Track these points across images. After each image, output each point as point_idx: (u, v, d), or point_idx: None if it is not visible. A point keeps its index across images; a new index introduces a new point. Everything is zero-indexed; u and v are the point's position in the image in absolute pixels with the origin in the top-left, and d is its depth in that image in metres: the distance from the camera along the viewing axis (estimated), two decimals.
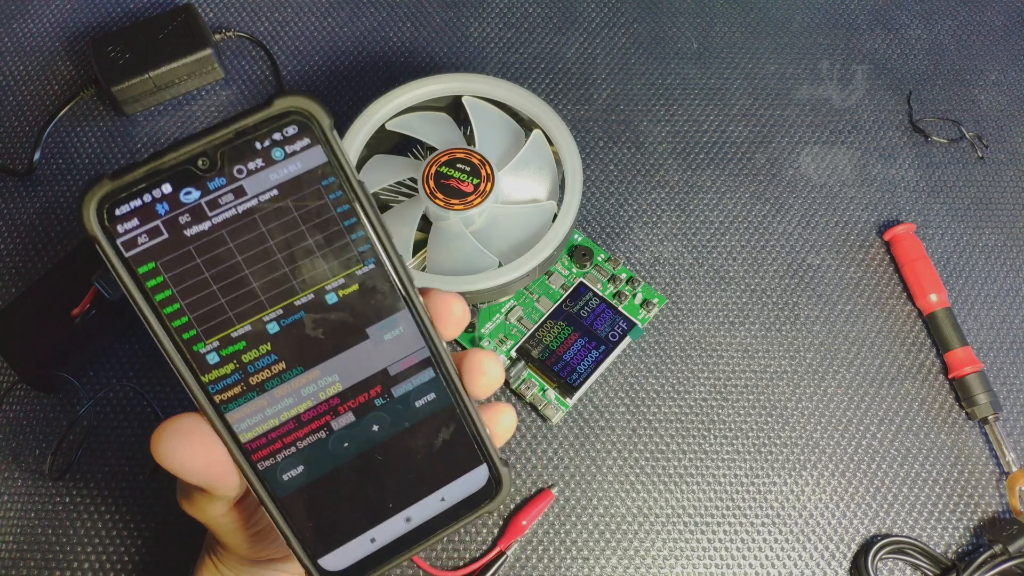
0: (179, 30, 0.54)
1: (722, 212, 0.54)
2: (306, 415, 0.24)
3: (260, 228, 0.23)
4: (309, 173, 0.23)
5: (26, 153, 0.53)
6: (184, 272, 0.22)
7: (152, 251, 0.22)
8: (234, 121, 0.22)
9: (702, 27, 0.61)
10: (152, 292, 0.22)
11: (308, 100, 0.22)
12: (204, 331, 0.23)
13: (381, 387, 0.25)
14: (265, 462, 0.24)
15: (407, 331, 0.25)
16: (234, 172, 0.22)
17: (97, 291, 0.44)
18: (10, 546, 0.43)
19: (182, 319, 0.23)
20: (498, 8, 0.61)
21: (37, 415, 0.46)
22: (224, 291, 0.23)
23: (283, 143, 0.22)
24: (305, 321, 0.24)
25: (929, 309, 0.50)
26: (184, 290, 0.23)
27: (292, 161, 0.23)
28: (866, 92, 0.59)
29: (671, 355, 0.49)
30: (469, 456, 0.26)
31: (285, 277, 0.23)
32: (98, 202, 0.21)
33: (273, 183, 0.23)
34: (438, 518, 0.25)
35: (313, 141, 0.23)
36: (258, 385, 0.24)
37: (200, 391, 0.23)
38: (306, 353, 0.24)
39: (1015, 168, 0.57)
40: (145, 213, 0.22)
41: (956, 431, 0.48)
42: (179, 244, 0.22)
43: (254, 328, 0.23)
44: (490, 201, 0.45)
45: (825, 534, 0.45)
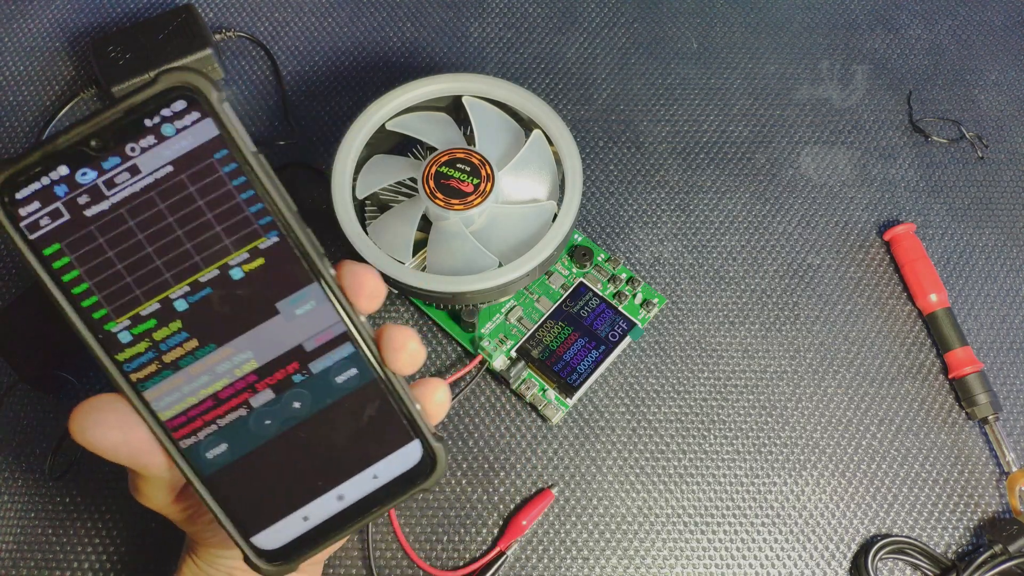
0: (179, 30, 0.54)
1: (722, 212, 0.54)
2: (223, 392, 0.24)
3: (158, 205, 0.23)
4: (201, 147, 0.23)
5: None
6: (88, 252, 0.23)
7: (55, 232, 0.22)
8: (122, 100, 0.22)
9: (702, 27, 0.61)
10: (59, 273, 0.23)
11: (193, 75, 0.22)
12: (114, 310, 0.23)
13: (299, 363, 0.24)
14: (187, 440, 0.24)
15: (320, 305, 0.24)
16: (127, 150, 0.22)
17: None
18: (10, 546, 0.43)
19: (91, 299, 0.23)
20: (498, 8, 0.61)
21: (37, 415, 0.46)
22: (129, 269, 0.23)
23: (172, 119, 0.23)
24: (212, 297, 0.24)
25: (929, 309, 0.50)
26: (90, 270, 0.23)
27: (183, 136, 0.23)
28: (866, 92, 0.59)
29: (671, 355, 0.49)
30: (399, 432, 0.25)
31: (188, 253, 0.23)
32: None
33: (167, 159, 0.23)
34: (373, 496, 0.25)
35: (203, 115, 0.23)
36: (172, 363, 0.24)
37: (116, 369, 0.24)
38: (217, 330, 0.24)
39: (1015, 168, 0.57)
40: (45, 196, 0.22)
41: (956, 431, 0.48)
42: (81, 224, 0.23)
43: (163, 305, 0.23)
44: (490, 201, 0.45)
45: (825, 534, 0.45)
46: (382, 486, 0.25)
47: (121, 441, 0.24)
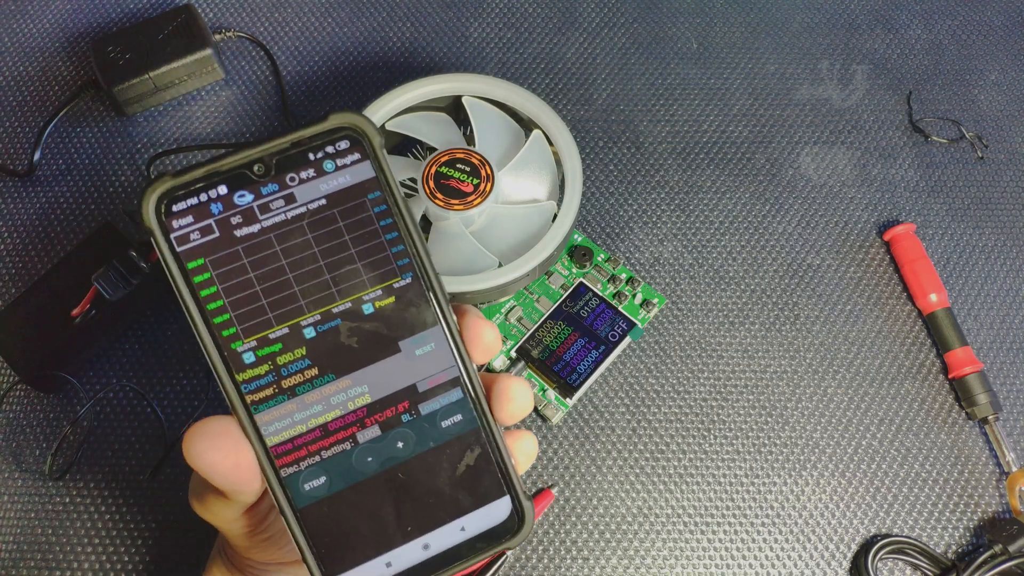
0: (179, 30, 0.54)
1: (722, 212, 0.54)
2: (333, 424, 0.24)
3: (306, 234, 0.24)
4: (357, 186, 0.24)
5: (26, 153, 0.53)
6: (230, 271, 0.23)
7: (203, 248, 0.23)
8: (291, 132, 0.24)
9: (702, 27, 0.61)
10: (198, 288, 0.23)
11: (361, 118, 0.24)
12: (243, 330, 0.24)
13: (409, 403, 0.25)
14: (288, 468, 0.24)
15: (438, 348, 0.25)
16: (286, 179, 0.24)
17: (97, 291, 0.44)
18: (10, 546, 0.43)
19: (223, 316, 0.24)
20: (498, 8, 0.61)
21: (37, 415, 0.46)
22: (266, 292, 0.24)
23: (334, 156, 0.24)
24: (341, 329, 0.24)
25: (929, 309, 0.50)
26: (228, 288, 0.23)
27: (341, 173, 0.24)
28: (866, 92, 0.59)
29: (671, 355, 0.49)
30: (493, 485, 0.25)
31: (325, 284, 0.24)
32: (158, 197, 0.23)
33: (322, 193, 0.24)
34: (456, 549, 0.25)
35: (363, 156, 0.24)
36: (290, 389, 0.24)
37: (233, 389, 0.24)
38: (339, 361, 0.24)
39: (1015, 168, 0.57)
40: (200, 211, 0.23)
41: (956, 431, 0.48)
42: (229, 243, 0.23)
43: (291, 331, 0.24)
44: (490, 201, 0.45)
45: (825, 534, 0.45)
46: (467, 540, 0.25)
47: (232, 466, 0.23)
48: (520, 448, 0.27)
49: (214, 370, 0.24)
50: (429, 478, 0.25)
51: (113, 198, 0.52)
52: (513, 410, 0.26)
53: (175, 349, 0.48)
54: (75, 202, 0.52)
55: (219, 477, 0.24)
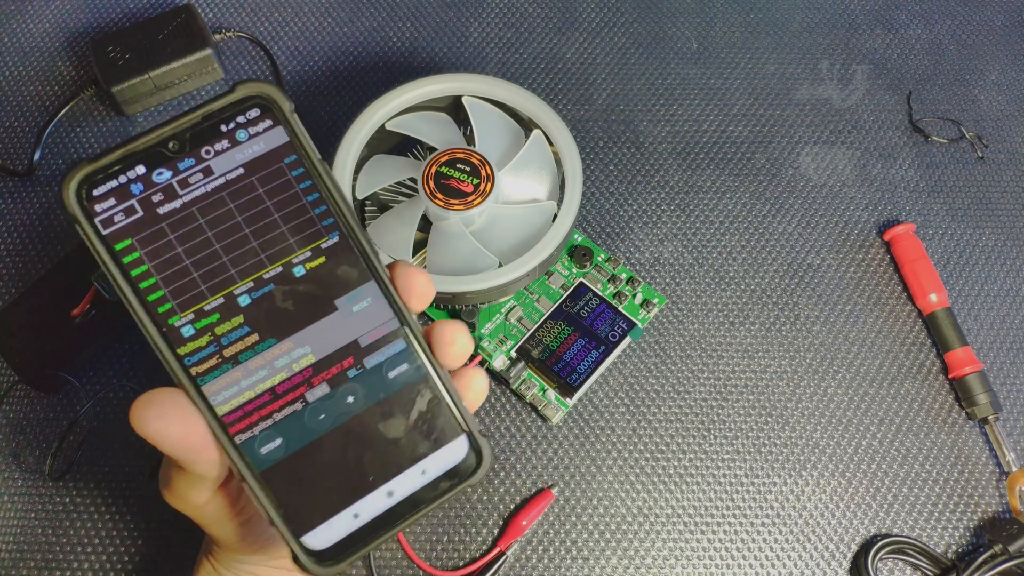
0: (179, 30, 0.54)
1: (722, 212, 0.54)
2: (281, 387, 0.25)
3: (228, 204, 0.24)
4: (272, 152, 0.25)
5: (26, 153, 0.53)
6: (158, 248, 0.24)
7: (128, 229, 0.24)
8: (200, 107, 0.24)
9: (702, 27, 0.61)
10: (128, 268, 0.24)
11: (268, 86, 0.25)
12: (179, 304, 0.24)
13: (353, 358, 0.25)
14: (243, 435, 0.24)
15: (375, 303, 0.25)
16: (202, 153, 0.24)
17: (97, 291, 0.44)
18: (10, 546, 0.43)
19: (157, 293, 0.24)
20: (498, 8, 0.61)
21: (37, 415, 0.46)
22: (196, 265, 0.24)
23: (246, 125, 0.24)
24: (275, 293, 0.25)
25: (929, 309, 0.50)
26: (159, 265, 0.24)
27: (256, 142, 0.24)
28: (866, 92, 0.59)
29: (671, 355, 0.49)
30: (447, 427, 0.26)
31: (254, 251, 0.25)
32: (77, 183, 0.23)
33: (239, 162, 0.24)
34: (421, 492, 0.25)
35: (274, 122, 0.25)
36: (232, 357, 0.24)
37: (176, 363, 0.24)
38: (278, 325, 0.25)
39: (1015, 168, 0.57)
40: (121, 193, 0.23)
41: (956, 431, 0.48)
42: (153, 221, 0.24)
43: (226, 301, 0.24)
44: (490, 201, 0.45)
45: (825, 534, 0.45)
46: (430, 482, 0.25)
47: (181, 435, 0.24)
48: (470, 386, 0.27)
49: (155, 347, 0.24)
50: (384, 428, 0.25)
51: None
52: (455, 353, 0.26)
53: None
54: None
55: (170, 446, 0.24)
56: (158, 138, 0.24)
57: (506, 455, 0.46)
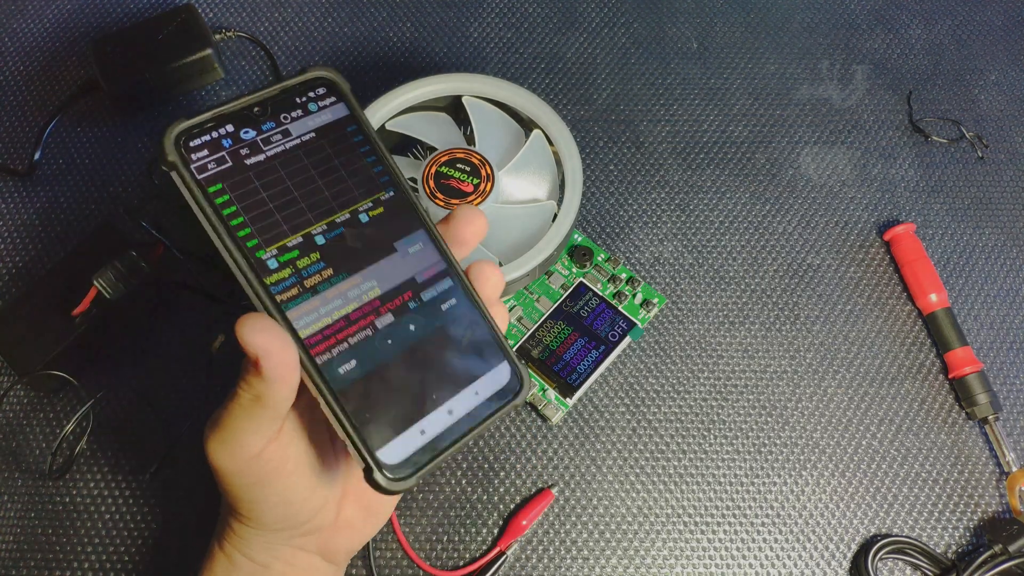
0: (179, 30, 0.54)
1: (722, 212, 0.54)
2: (353, 315, 0.28)
3: (304, 161, 0.29)
4: (337, 121, 0.30)
5: (26, 153, 0.53)
6: (245, 192, 0.27)
7: (219, 175, 0.27)
8: (279, 82, 0.29)
9: (702, 27, 0.61)
10: (220, 208, 0.27)
11: (332, 71, 0.30)
12: (264, 240, 0.27)
13: (412, 292, 0.29)
14: (323, 356, 0.27)
15: (426, 247, 0.30)
16: (280, 118, 0.29)
17: (97, 291, 0.44)
18: (10, 546, 0.43)
19: (246, 230, 0.27)
20: (498, 8, 0.61)
21: (37, 415, 0.46)
22: (279, 209, 0.28)
23: (316, 99, 0.30)
24: (345, 235, 0.29)
25: (929, 309, 0.50)
26: (246, 207, 0.27)
27: (324, 112, 0.30)
28: (866, 92, 0.59)
29: (671, 355, 0.49)
30: (492, 353, 0.30)
31: (326, 200, 0.29)
32: (176, 136, 0.27)
33: (311, 128, 0.29)
34: (475, 411, 0.29)
35: (338, 99, 0.30)
36: (312, 288, 0.28)
37: (264, 291, 0.27)
38: (348, 261, 0.28)
39: (1015, 168, 0.57)
40: (213, 146, 0.27)
41: (956, 431, 0.48)
42: (241, 170, 0.28)
43: (305, 239, 0.28)
44: (490, 201, 0.45)
45: (825, 534, 0.45)
46: (483, 402, 0.29)
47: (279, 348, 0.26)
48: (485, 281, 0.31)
49: (244, 278, 0.27)
50: (442, 353, 0.29)
51: (113, 198, 0.52)
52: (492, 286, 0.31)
53: (175, 349, 0.48)
54: (75, 202, 0.52)
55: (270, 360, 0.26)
56: (245, 103, 0.28)
57: (506, 455, 0.46)
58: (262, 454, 0.29)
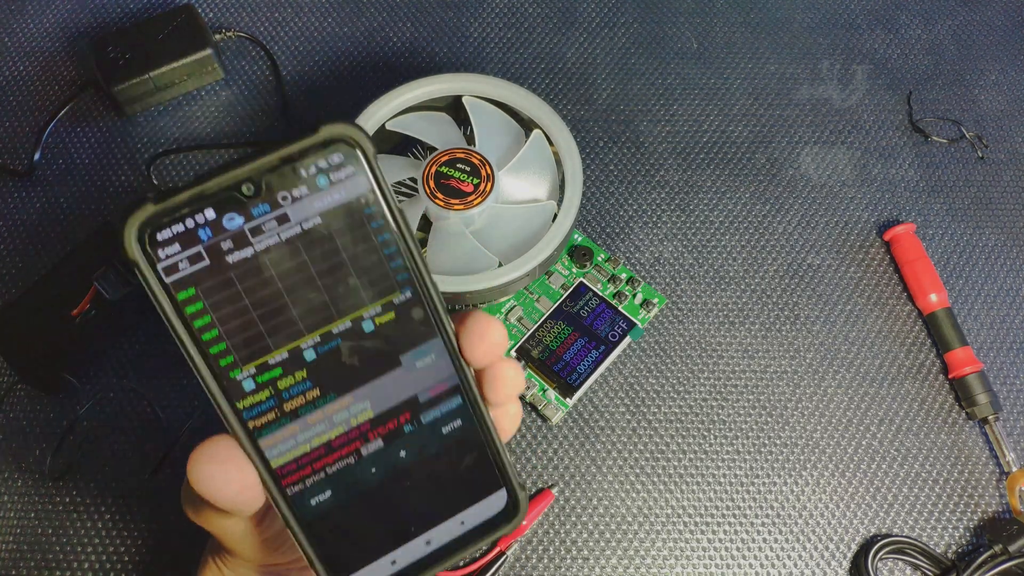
0: (179, 30, 0.54)
1: (722, 212, 0.54)
2: (336, 441, 0.24)
3: (302, 255, 0.22)
4: (352, 201, 0.22)
5: (26, 153, 0.53)
6: (224, 299, 0.22)
7: (193, 277, 0.22)
8: (279, 147, 0.22)
9: (702, 27, 0.61)
10: (191, 319, 0.22)
11: (353, 128, 0.22)
12: (241, 358, 0.23)
13: (411, 414, 0.25)
14: (294, 487, 0.24)
15: (439, 358, 0.25)
16: (278, 198, 0.22)
17: (97, 291, 0.44)
18: (10, 546, 0.43)
19: (220, 346, 0.22)
20: (498, 8, 0.61)
21: (37, 415, 0.46)
22: (263, 318, 0.23)
23: (327, 171, 0.22)
24: (341, 348, 0.24)
25: (929, 309, 0.50)
26: (223, 316, 0.22)
27: (336, 189, 0.22)
28: (866, 92, 0.59)
29: (671, 355, 0.49)
30: (490, 480, 0.26)
31: (324, 305, 0.23)
32: (140, 226, 0.21)
33: (316, 210, 0.22)
34: (456, 540, 0.25)
35: (357, 170, 0.22)
36: (292, 412, 0.23)
37: (235, 418, 0.23)
38: (340, 380, 0.24)
39: (1015, 168, 0.57)
40: (187, 239, 0.21)
41: (956, 431, 0.48)
42: (220, 271, 0.22)
43: (291, 355, 0.23)
44: (490, 201, 0.45)
45: (825, 534, 0.45)
46: (467, 531, 0.25)
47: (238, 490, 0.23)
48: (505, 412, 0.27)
49: (213, 400, 0.23)
50: (431, 480, 0.25)
51: (113, 198, 0.52)
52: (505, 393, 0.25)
53: (175, 349, 0.48)
54: (75, 202, 0.52)
55: (224, 501, 0.23)
56: (232, 180, 0.21)
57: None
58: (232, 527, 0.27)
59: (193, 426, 0.45)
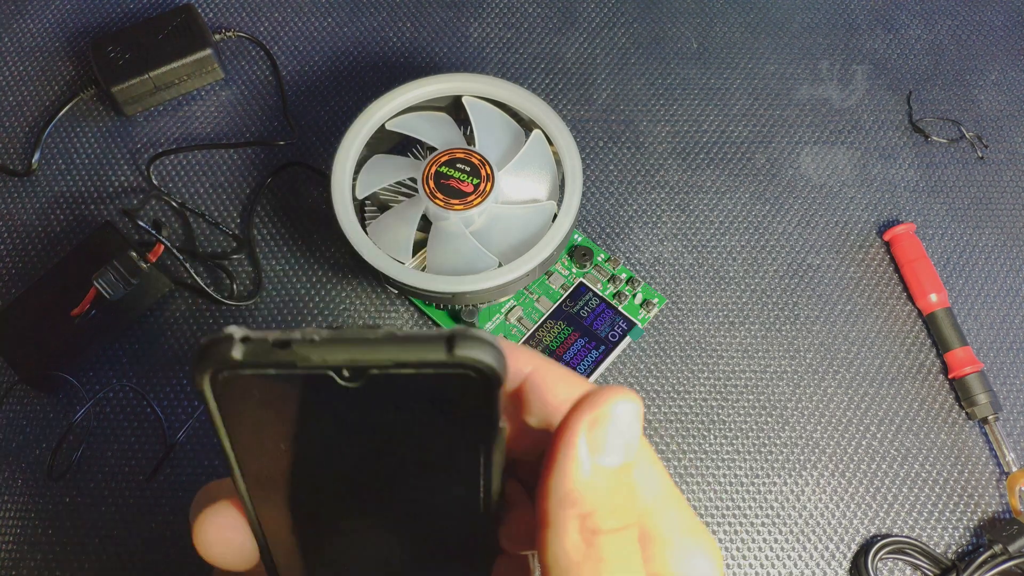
0: (179, 30, 0.54)
1: (722, 212, 0.54)
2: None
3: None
4: (455, 431, 0.20)
5: (26, 153, 0.53)
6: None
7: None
8: (400, 345, 0.18)
9: (702, 27, 0.61)
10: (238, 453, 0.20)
11: (494, 353, 0.18)
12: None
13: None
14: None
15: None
16: (375, 396, 0.19)
17: (97, 291, 0.44)
18: (10, 546, 0.43)
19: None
20: (498, 8, 0.61)
21: (37, 415, 0.46)
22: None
23: (444, 403, 0.19)
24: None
25: (929, 309, 0.50)
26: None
27: (445, 415, 0.19)
28: (866, 92, 0.59)
29: (671, 355, 0.49)
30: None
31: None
32: (214, 368, 0.18)
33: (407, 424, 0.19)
34: None
35: (478, 405, 0.18)
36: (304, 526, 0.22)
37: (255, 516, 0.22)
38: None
39: (1015, 168, 0.57)
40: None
41: (956, 431, 0.48)
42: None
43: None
44: (490, 201, 0.45)
45: (825, 534, 0.45)
46: None
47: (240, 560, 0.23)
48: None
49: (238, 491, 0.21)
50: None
51: (113, 198, 0.52)
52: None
53: (175, 349, 0.48)
54: (75, 202, 0.52)
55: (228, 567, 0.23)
56: (332, 363, 0.18)
57: None
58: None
59: (193, 426, 0.45)
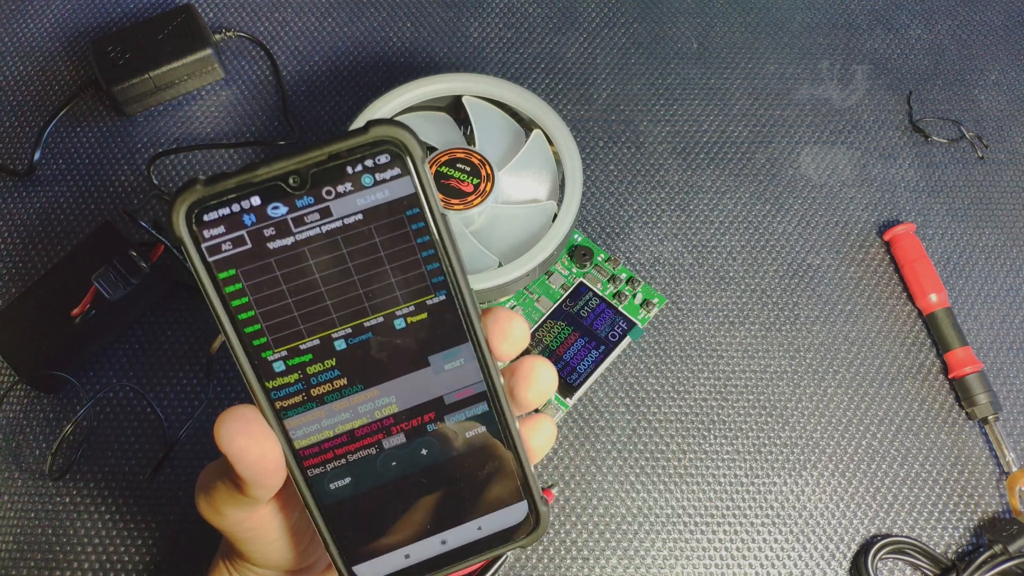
0: (179, 30, 0.54)
1: (722, 212, 0.54)
2: (360, 431, 0.25)
3: (341, 249, 0.23)
4: (395, 202, 0.23)
5: (26, 153, 0.53)
6: (262, 282, 0.23)
7: (234, 259, 0.23)
8: (329, 144, 0.22)
9: (702, 27, 0.61)
10: (229, 297, 0.23)
11: (403, 131, 0.23)
12: (274, 340, 0.24)
13: (435, 414, 0.25)
14: (315, 469, 0.25)
15: (467, 364, 0.25)
16: (322, 193, 0.23)
17: (97, 291, 0.44)
18: (10, 546, 0.43)
19: (255, 326, 0.24)
20: (498, 8, 0.61)
21: (37, 415, 0.46)
22: (298, 305, 0.24)
23: (374, 170, 0.23)
24: (371, 343, 0.24)
25: (929, 309, 0.50)
26: (260, 299, 0.23)
27: (380, 188, 0.23)
28: (866, 92, 0.59)
29: (671, 355, 0.49)
30: (511, 491, 0.26)
31: (358, 298, 0.24)
32: (188, 206, 0.22)
33: (359, 208, 0.23)
34: (472, 544, 0.26)
35: (403, 171, 0.23)
36: (318, 397, 0.24)
37: (263, 395, 0.24)
38: (368, 372, 0.25)
39: (1015, 168, 0.57)
40: (232, 222, 0.23)
41: (956, 431, 0.48)
42: (261, 255, 0.23)
43: (322, 343, 0.24)
44: (490, 201, 0.45)
45: (825, 534, 0.45)
46: (483, 537, 0.26)
47: (259, 456, 0.24)
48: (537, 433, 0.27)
49: (244, 376, 0.24)
50: (450, 483, 0.25)
51: (113, 198, 0.52)
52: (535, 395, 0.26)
53: (175, 349, 0.48)
54: (75, 202, 0.52)
55: (245, 465, 0.24)
56: (279, 171, 0.22)
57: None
58: (244, 522, 0.27)
59: (193, 426, 0.45)
